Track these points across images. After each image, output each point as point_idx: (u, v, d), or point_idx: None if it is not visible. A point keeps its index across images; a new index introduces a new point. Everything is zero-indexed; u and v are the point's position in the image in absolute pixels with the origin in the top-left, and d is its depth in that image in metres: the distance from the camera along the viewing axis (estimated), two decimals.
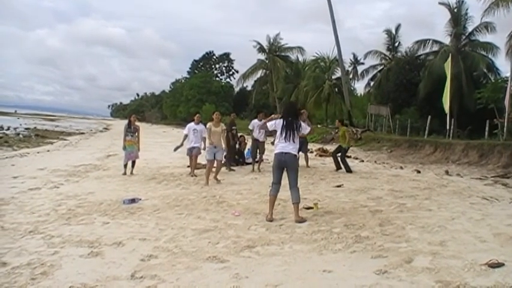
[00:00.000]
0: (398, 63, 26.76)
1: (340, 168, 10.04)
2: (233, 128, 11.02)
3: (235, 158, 11.13)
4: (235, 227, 4.79)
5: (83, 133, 33.00)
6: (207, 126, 8.37)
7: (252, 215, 5.38)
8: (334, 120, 34.00)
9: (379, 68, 32.18)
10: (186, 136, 9.01)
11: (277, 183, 5.18)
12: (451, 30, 23.41)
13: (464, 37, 23.44)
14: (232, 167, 10.39)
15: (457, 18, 23.15)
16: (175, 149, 9.27)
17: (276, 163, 5.16)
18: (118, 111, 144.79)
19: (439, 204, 5.97)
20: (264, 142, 10.22)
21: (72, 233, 4.49)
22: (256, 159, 11.31)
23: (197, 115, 9.44)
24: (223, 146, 8.43)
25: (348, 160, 13.09)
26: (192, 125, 9.15)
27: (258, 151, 10.22)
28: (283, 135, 5.06)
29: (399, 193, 6.92)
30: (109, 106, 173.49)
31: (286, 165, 5.06)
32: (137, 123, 9.82)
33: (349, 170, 9.82)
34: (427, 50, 25.14)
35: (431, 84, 21.30)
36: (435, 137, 17.13)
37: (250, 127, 10.22)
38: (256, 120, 10.21)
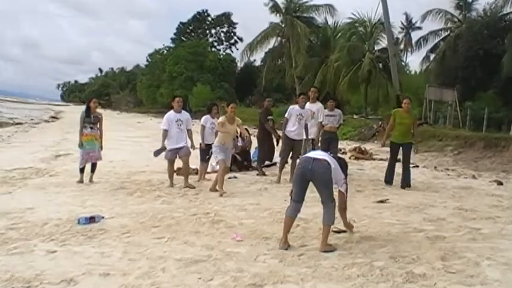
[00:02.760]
0: (473, 27, 26.40)
1: (390, 181, 9.52)
2: (269, 118, 11.13)
3: (241, 160, 11.22)
4: (237, 257, 4.78)
5: (19, 123, 33.05)
6: (219, 120, 8.67)
7: (259, 241, 5.36)
8: (377, 108, 34.17)
9: (444, 34, 31.95)
10: (166, 132, 8.95)
11: (298, 202, 5.17)
12: None
13: None
14: (236, 172, 10.57)
15: None
16: (156, 154, 9.25)
17: (298, 172, 5.16)
18: (72, 93, 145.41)
19: None
20: (301, 141, 9.88)
21: None
22: (268, 163, 11.34)
23: (177, 99, 9.20)
24: (232, 145, 8.88)
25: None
26: (172, 114, 9.02)
27: (291, 154, 9.91)
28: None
29: (471, 213, 6.88)
30: (59, 86, 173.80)
31: (313, 177, 5.03)
32: (100, 110, 9.82)
33: (407, 185, 9.30)
34: None
35: None
36: None
37: (287, 116, 9.90)
38: (296, 107, 9.84)
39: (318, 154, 5.21)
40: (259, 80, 45.97)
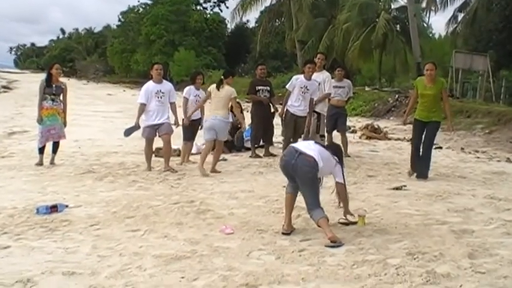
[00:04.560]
0: None
1: (420, 171, 8.72)
2: (259, 87, 11.00)
3: (231, 140, 11.22)
4: (226, 253, 4.79)
5: None
6: (234, 94, 9.00)
7: (253, 234, 5.38)
8: (393, 79, 33.91)
9: None
10: (143, 106, 8.92)
11: (293, 182, 5.39)
12: None
13: None
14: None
15: None
16: (128, 133, 9.22)
17: (281, 164, 5.43)
18: (28, 58, 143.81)
19: None
20: (305, 118, 9.74)
21: None
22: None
23: (156, 66, 9.19)
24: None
25: None
26: (151, 85, 9.01)
27: (293, 132, 9.88)
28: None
29: (504, 203, 6.88)
30: (11, 49, 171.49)
31: (295, 174, 5.24)
32: (63, 79, 9.73)
33: (423, 175, 8.72)
34: None
35: None
36: None
37: (289, 87, 9.86)
38: (301, 78, 9.74)
39: (307, 147, 5.31)
40: (253, 44, 45.64)
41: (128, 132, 9.16)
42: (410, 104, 9.47)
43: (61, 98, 9.36)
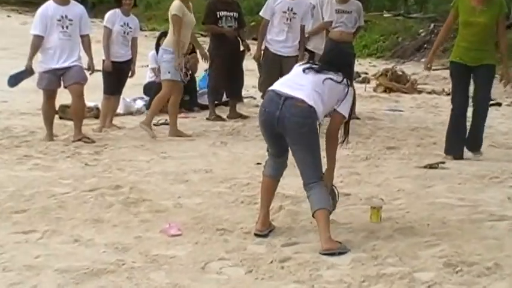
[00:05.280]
0: None
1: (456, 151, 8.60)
2: (222, 13, 10.95)
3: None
4: (170, 265, 4.77)
5: None
6: (175, 11, 9.02)
7: (212, 235, 5.39)
8: (424, 0, 34.01)
9: None
10: (40, 40, 8.85)
11: (277, 156, 5.36)
12: None
13: None
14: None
15: None
16: (14, 81, 9.18)
17: (261, 119, 5.32)
18: None
19: None
20: (294, 58, 9.71)
21: None
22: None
23: None
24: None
25: None
26: (51, 7, 8.93)
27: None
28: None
29: None
30: None
31: (283, 129, 5.12)
32: None
33: (475, 147, 8.68)
34: None
35: None
36: None
37: (264, 15, 9.94)
38: None
39: (295, 85, 5.21)
40: None
41: (15, 80, 9.07)
42: (440, 35, 9.27)
43: None
